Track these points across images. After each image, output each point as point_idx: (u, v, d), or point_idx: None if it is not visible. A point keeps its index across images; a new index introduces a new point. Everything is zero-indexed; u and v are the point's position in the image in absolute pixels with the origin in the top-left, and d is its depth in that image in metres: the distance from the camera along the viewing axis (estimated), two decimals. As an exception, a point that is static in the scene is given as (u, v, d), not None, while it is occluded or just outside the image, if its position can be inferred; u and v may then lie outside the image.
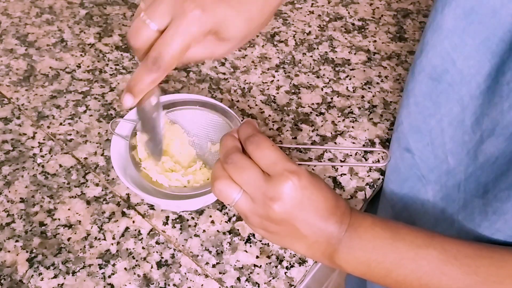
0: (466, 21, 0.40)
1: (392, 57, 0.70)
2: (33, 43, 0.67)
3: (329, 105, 0.63)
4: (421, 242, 0.39)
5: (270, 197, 0.37)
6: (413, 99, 0.48)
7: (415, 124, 0.49)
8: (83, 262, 0.47)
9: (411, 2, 0.79)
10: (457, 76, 0.43)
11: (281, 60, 0.68)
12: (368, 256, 0.39)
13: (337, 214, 0.39)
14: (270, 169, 0.38)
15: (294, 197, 0.37)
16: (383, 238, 0.39)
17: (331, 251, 0.40)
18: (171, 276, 0.47)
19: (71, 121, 0.58)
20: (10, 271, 0.46)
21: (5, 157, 0.55)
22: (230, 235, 0.50)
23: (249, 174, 0.38)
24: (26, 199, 0.51)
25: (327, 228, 0.39)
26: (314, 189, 0.38)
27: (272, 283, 0.47)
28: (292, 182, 0.37)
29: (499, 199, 0.40)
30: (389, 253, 0.39)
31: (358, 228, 0.40)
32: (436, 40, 0.43)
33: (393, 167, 0.53)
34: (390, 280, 0.39)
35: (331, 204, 0.39)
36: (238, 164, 0.38)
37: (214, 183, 0.39)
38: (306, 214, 0.38)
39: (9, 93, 0.61)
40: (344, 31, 0.73)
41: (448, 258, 0.38)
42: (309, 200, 0.38)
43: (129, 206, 0.51)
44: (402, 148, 0.51)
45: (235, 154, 0.39)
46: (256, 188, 0.38)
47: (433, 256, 0.38)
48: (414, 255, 0.38)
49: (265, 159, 0.38)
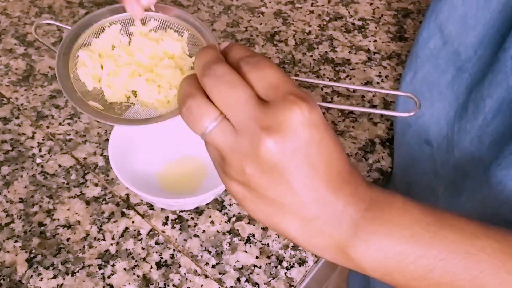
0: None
1: (392, 57, 0.70)
2: (32, 43, 0.67)
3: (329, 105, 0.63)
4: (475, 230, 0.28)
5: (265, 126, 0.26)
6: (437, 89, 0.48)
7: (436, 114, 0.49)
8: (83, 262, 0.47)
9: (411, 2, 0.79)
10: (476, 64, 0.44)
11: (281, 59, 0.68)
12: (403, 247, 0.27)
13: (351, 183, 0.28)
14: (269, 93, 0.27)
15: (298, 134, 0.26)
16: (425, 223, 0.28)
17: (342, 238, 0.28)
18: (171, 276, 0.47)
19: (70, 121, 0.58)
20: (9, 271, 0.46)
21: (4, 157, 0.54)
22: (230, 236, 0.50)
23: (237, 93, 0.26)
24: (25, 199, 0.51)
25: (339, 200, 0.27)
26: (326, 134, 0.27)
27: (272, 284, 0.47)
28: (301, 110, 0.26)
29: (504, 167, 0.38)
30: (433, 244, 0.27)
31: (385, 208, 0.28)
32: (460, 29, 0.44)
33: (411, 161, 0.53)
34: (427, 284, 0.28)
35: (346, 168, 0.28)
36: (223, 78, 0.27)
37: (182, 99, 0.28)
38: (309, 169, 0.26)
39: (8, 93, 0.61)
40: (344, 31, 0.73)
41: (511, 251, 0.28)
42: (318, 147, 0.26)
43: (129, 206, 0.51)
44: (422, 141, 0.51)
45: (218, 64, 0.28)
46: (243, 113, 0.26)
47: (494, 248, 0.28)
48: (469, 247, 0.28)
49: (264, 80, 0.27)
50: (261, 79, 0.27)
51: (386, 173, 0.57)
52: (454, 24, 0.45)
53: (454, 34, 0.45)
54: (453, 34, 0.45)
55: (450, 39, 0.46)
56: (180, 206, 0.50)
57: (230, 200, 0.52)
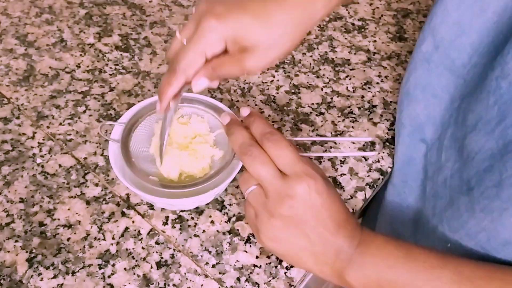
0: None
1: (392, 57, 0.70)
2: (32, 43, 0.67)
3: (329, 105, 0.63)
4: (434, 262, 0.38)
5: (284, 195, 0.38)
6: (431, 91, 0.48)
7: (432, 116, 0.49)
8: (83, 262, 0.47)
9: (411, 2, 0.79)
10: (471, 71, 0.44)
11: (281, 60, 0.68)
12: (380, 275, 0.38)
13: (347, 228, 0.39)
14: (287, 169, 0.38)
15: (307, 200, 0.38)
16: (396, 257, 0.38)
17: (340, 266, 0.39)
18: (171, 276, 0.47)
19: (70, 121, 0.58)
20: (10, 271, 0.46)
21: (5, 157, 0.54)
22: (230, 235, 0.50)
23: (267, 170, 0.39)
24: (25, 199, 0.51)
25: (337, 240, 0.38)
26: (328, 197, 0.39)
27: (272, 283, 0.47)
28: (308, 184, 0.37)
29: (486, 196, 0.40)
30: (402, 273, 0.38)
31: (370, 245, 0.39)
32: (452, 35, 0.44)
33: (408, 160, 0.53)
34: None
35: (343, 216, 0.39)
36: (257, 159, 0.39)
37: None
38: (316, 221, 0.38)
39: (9, 93, 0.61)
40: (344, 31, 0.73)
41: (461, 279, 0.37)
42: (322, 207, 0.38)
43: (129, 206, 0.51)
44: (417, 140, 0.51)
45: (254, 147, 0.40)
46: (271, 184, 0.38)
47: (447, 277, 0.37)
48: (428, 275, 0.37)
49: (282, 158, 0.39)
50: (281, 158, 0.39)
51: (386, 173, 0.57)
52: (447, 30, 0.44)
53: (447, 40, 0.45)
54: (445, 39, 0.45)
55: (442, 44, 0.46)
56: (180, 206, 0.50)
57: (230, 200, 0.52)
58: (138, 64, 0.66)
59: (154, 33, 0.70)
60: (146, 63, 0.66)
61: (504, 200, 0.38)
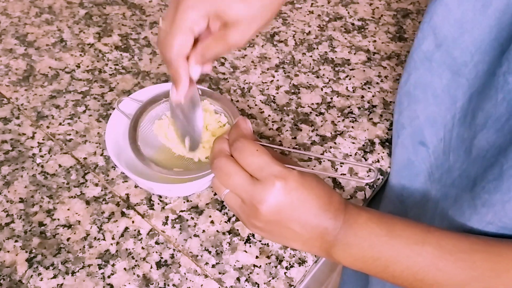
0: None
1: (392, 57, 0.70)
2: (32, 43, 0.67)
3: (328, 105, 0.63)
4: (416, 238, 0.39)
5: (256, 202, 0.38)
6: (432, 91, 0.48)
7: (432, 117, 0.49)
8: (83, 262, 0.47)
9: (411, 2, 0.79)
10: (473, 70, 0.43)
11: (281, 60, 0.68)
12: (364, 253, 0.39)
13: (330, 210, 0.40)
14: (257, 174, 0.39)
15: (281, 201, 0.38)
16: (379, 235, 0.39)
17: (327, 246, 0.40)
18: (171, 276, 0.47)
19: (70, 121, 0.58)
20: (10, 271, 0.46)
21: (5, 157, 0.54)
22: (230, 235, 0.50)
23: (234, 180, 0.39)
24: (25, 199, 0.51)
25: (320, 225, 0.39)
26: (304, 190, 0.39)
27: (272, 283, 0.47)
28: (277, 186, 0.38)
29: (487, 191, 0.40)
30: (384, 250, 0.39)
31: (353, 225, 0.40)
32: (455, 33, 0.44)
33: (406, 162, 0.53)
34: (387, 275, 0.40)
35: (323, 201, 0.40)
36: (223, 170, 0.40)
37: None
38: (297, 214, 0.39)
39: (9, 93, 0.61)
40: (344, 31, 0.73)
41: (443, 253, 0.38)
42: (299, 200, 0.39)
43: (129, 206, 0.51)
44: (416, 142, 0.51)
45: (219, 159, 0.40)
46: (242, 192, 0.39)
47: (428, 252, 0.38)
48: (409, 251, 0.39)
49: (250, 165, 0.39)
50: (249, 165, 0.39)
51: (386, 173, 0.57)
52: (449, 28, 0.44)
53: (450, 38, 0.45)
54: (448, 37, 0.45)
55: (444, 43, 0.45)
56: (178, 192, 0.50)
57: (230, 200, 0.52)
58: (138, 64, 0.66)
59: (154, 33, 0.70)
60: (146, 63, 0.66)
61: (504, 191, 0.37)
